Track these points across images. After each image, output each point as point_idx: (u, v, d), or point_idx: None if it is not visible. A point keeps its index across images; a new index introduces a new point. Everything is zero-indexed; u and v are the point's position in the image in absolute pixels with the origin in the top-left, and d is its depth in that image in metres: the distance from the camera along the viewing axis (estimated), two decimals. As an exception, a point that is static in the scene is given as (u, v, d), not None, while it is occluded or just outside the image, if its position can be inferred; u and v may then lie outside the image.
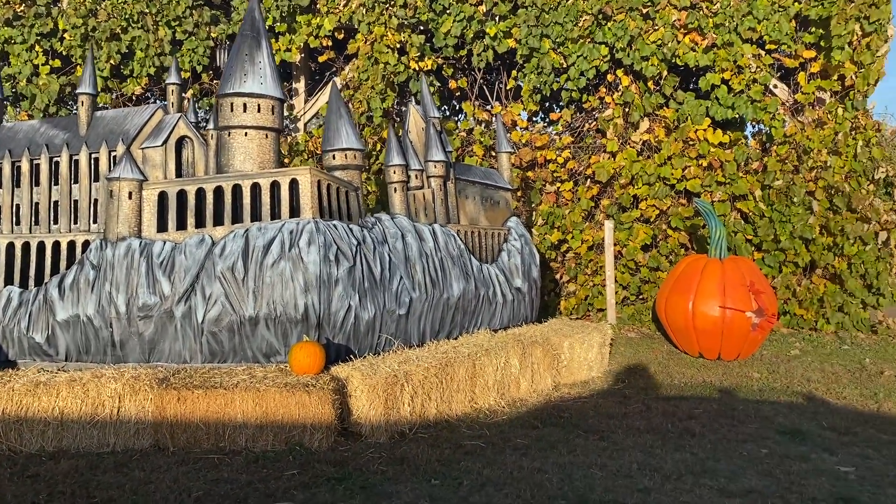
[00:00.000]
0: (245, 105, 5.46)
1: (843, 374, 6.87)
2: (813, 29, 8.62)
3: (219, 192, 5.42)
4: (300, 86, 10.23)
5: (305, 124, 10.32)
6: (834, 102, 8.84)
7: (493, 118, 7.74)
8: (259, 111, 5.48)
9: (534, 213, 9.42)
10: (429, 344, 5.87)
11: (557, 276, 9.47)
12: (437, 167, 6.47)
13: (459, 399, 5.41)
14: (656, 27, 8.79)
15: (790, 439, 4.93)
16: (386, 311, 5.67)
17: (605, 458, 4.46)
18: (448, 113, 10.91)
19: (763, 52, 8.80)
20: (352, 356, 5.28)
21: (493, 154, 9.55)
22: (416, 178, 6.39)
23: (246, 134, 5.49)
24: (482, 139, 9.47)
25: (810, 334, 8.74)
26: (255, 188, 5.42)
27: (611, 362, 7.22)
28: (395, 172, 6.25)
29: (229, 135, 5.50)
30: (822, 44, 8.63)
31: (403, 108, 8.19)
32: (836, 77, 8.76)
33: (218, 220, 5.40)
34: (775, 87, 9.25)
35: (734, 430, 5.13)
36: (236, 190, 5.42)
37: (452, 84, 9.85)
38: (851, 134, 8.76)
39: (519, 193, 9.51)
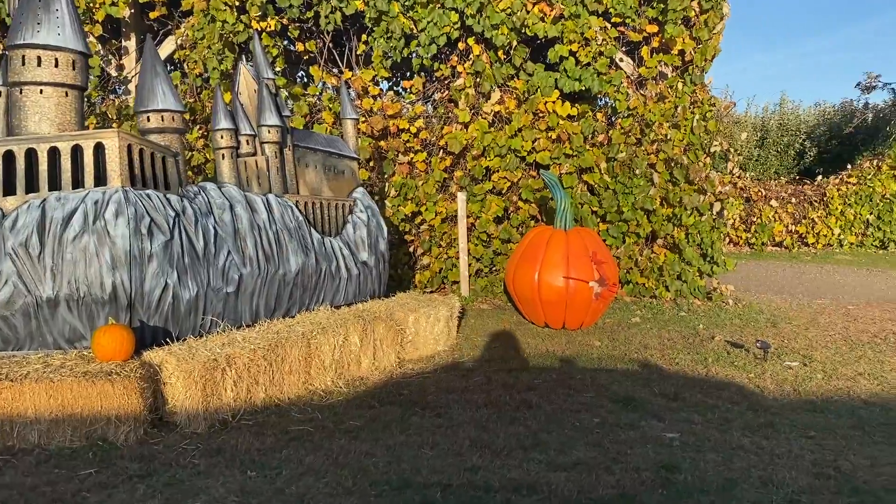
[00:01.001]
0: (39, 59, 4.79)
1: (678, 340, 7.11)
2: (655, 3, 8.81)
3: (9, 157, 4.75)
4: (131, 44, 9.35)
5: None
6: (674, 77, 9.12)
7: (340, 83, 7.37)
8: (56, 66, 4.83)
9: (387, 184, 9.14)
10: (262, 323, 5.48)
11: (411, 249, 9.27)
12: (272, 132, 6.04)
13: (292, 381, 5.09)
14: (506, -5, 8.69)
15: (622, 407, 4.98)
16: (211, 290, 5.23)
17: (438, 437, 4.30)
18: (295, 78, 10.36)
19: (609, 25, 8.90)
20: (170, 340, 4.83)
21: (343, 122, 9.19)
22: (248, 143, 5.94)
23: (41, 91, 4.82)
24: (331, 105, 9.06)
25: (651, 302, 9.06)
26: (54, 153, 4.78)
27: (459, 335, 7.12)
28: (222, 137, 5.76)
29: (21, 92, 4.81)
30: (660, 18, 8.84)
31: (243, 71, 7.61)
32: (676, 52, 9.02)
33: (9, 190, 4.73)
34: (621, 60, 9.42)
35: (570, 399, 5.13)
36: (30, 155, 4.77)
37: (300, 47, 9.34)
38: (690, 108, 9.08)
39: (371, 163, 9.20)
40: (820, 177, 17.63)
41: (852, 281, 11.81)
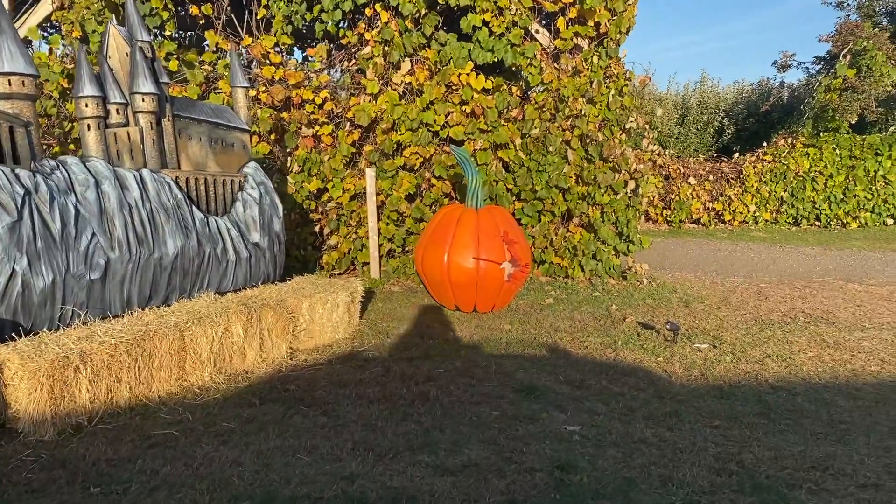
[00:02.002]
0: None
1: (589, 322, 6.89)
2: (571, -27, 8.49)
3: None
4: (3, 3, 8.44)
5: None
6: (590, 50, 8.84)
7: (230, 49, 6.76)
8: None
9: (289, 158, 8.59)
10: (133, 313, 4.94)
11: (317, 229, 8.77)
12: (146, 101, 5.44)
13: (163, 378, 4.58)
14: (416, -41, 8.20)
15: (525, 397, 4.68)
16: (71, 276, 4.65)
17: (318, 439, 3.89)
18: (189, 44, 9.63)
19: (524, -6, 8.54)
20: (20, 334, 4.25)
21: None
22: (119, 113, 5.33)
23: None
24: (228, 74, 8.41)
25: (566, 282, 8.84)
26: None
27: (363, 322, 6.71)
28: (87, 106, 5.14)
29: None
30: (578, -11, 8.55)
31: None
32: (591, 24, 8.73)
33: None
34: (537, 32, 9.08)
35: (471, 390, 4.80)
36: None
37: (194, 10, 8.63)
38: (605, 83, 8.83)
39: (273, 136, 8.62)
40: (737, 154, 17.85)
41: (765, 258, 11.92)
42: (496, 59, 8.53)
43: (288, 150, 8.57)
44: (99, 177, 5.05)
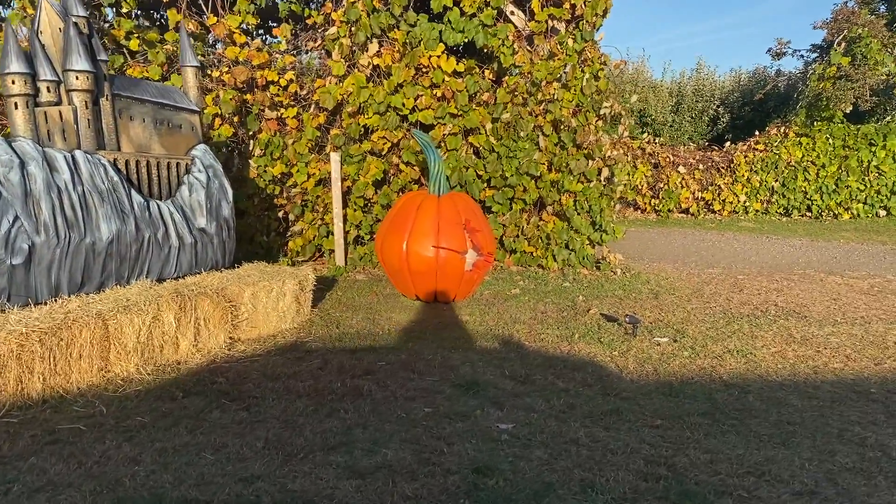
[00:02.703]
0: None
1: (552, 314, 6.67)
2: (546, -48, 8.22)
3: None
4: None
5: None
6: (565, 33, 8.57)
7: (180, 26, 6.50)
8: None
9: (252, 142, 8.35)
10: (56, 301, 4.73)
11: (281, 214, 8.55)
12: (81, 79, 5.20)
13: (83, 368, 4.38)
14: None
15: (464, 392, 4.47)
16: (-11, 261, 4.44)
17: (230, 437, 3.69)
18: (152, 22, 9.36)
19: (497, -27, 8.26)
20: (-77, 321, 4.05)
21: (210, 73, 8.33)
22: (50, 91, 5.09)
23: None
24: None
25: (537, 272, 8.62)
26: None
27: (316, 310, 6.50)
28: (13, 83, 4.91)
29: None
30: (551, -32, 8.27)
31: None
32: (567, 6, 8.46)
33: None
34: (512, 13, 8.81)
35: (409, 385, 4.59)
36: None
37: (156, -12, 8.38)
38: (580, 67, 8.57)
39: (237, 119, 8.38)
40: (728, 143, 17.56)
41: (749, 248, 11.69)
42: (467, 41, 8.26)
43: (251, 133, 8.34)
44: (25, 157, 4.82)
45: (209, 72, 8.43)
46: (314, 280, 6.30)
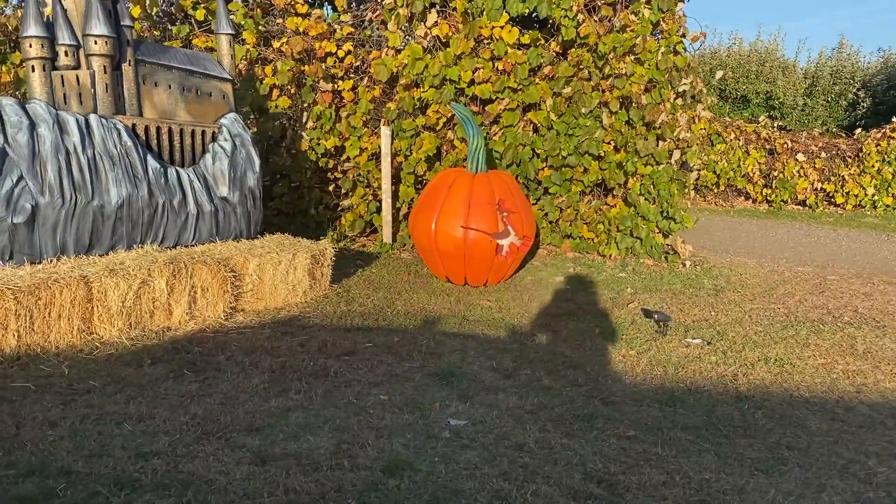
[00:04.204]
0: None
1: (587, 305, 6.17)
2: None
3: None
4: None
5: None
6: (640, 2, 7.87)
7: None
8: None
9: (305, 114, 8.30)
10: (51, 261, 4.84)
11: (331, 189, 8.47)
12: (100, 44, 5.26)
13: (63, 328, 4.43)
14: None
15: (436, 382, 4.16)
16: (-12, 219, 4.59)
17: (163, 409, 3.59)
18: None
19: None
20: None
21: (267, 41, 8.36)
22: (68, 55, 5.18)
23: None
24: (245, 23, 8.19)
25: (594, 259, 8.05)
26: None
27: (337, 286, 6.34)
28: (31, 47, 5.03)
29: None
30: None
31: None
32: (642, -28, 7.77)
33: None
34: (584, -18, 8.20)
35: (382, 369, 4.33)
36: None
37: (223, -41, 8.44)
38: (656, 39, 7.86)
39: (293, 90, 8.35)
40: (860, 130, 15.84)
41: (859, 248, 10.44)
42: (528, 11, 7.78)
43: (305, 105, 8.29)
44: (36, 119, 4.93)
45: (272, 42, 8.45)
46: (333, 255, 6.14)
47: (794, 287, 7.28)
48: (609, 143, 7.90)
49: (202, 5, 8.29)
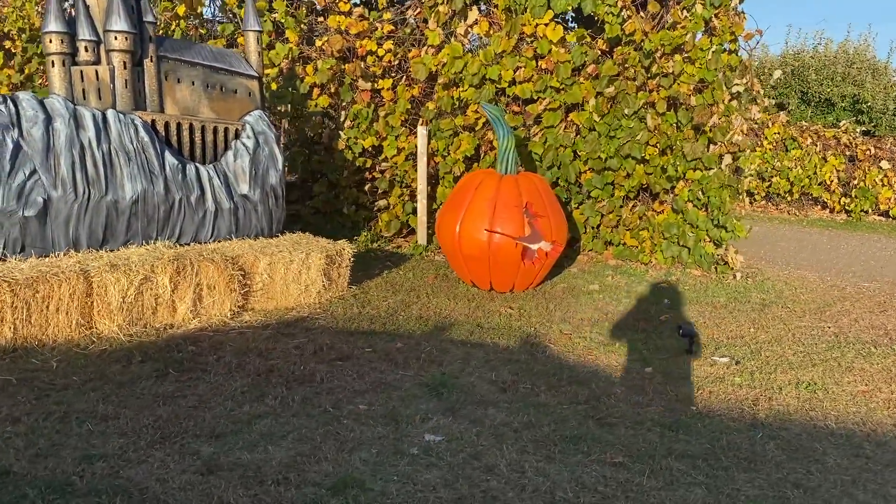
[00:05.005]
0: None
1: (616, 317, 5.82)
2: None
3: None
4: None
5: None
6: (691, -2, 7.42)
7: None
8: None
9: (343, 112, 8.21)
10: (58, 255, 4.87)
11: (367, 188, 8.35)
12: (120, 39, 5.29)
13: (61, 322, 4.44)
14: None
15: (425, 393, 3.95)
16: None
17: (132, 409, 3.52)
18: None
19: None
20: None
21: (307, 38, 8.33)
22: (87, 51, 5.23)
23: None
24: (285, 21, 8.16)
25: (636, 268, 7.63)
26: None
27: (355, 288, 6.18)
28: (51, 42, 5.09)
29: None
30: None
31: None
32: (695, -35, 7.32)
33: None
34: (634, -23, 7.80)
35: (372, 377, 4.14)
36: None
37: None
38: (708, 36, 7.40)
39: (332, 89, 8.28)
40: (956, 136, 14.65)
41: (942, 263, 9.58)
42: (572, 7, 7.46)
43: (343, 104, 8.20)
44: (53, 114, 4.99)
45: (315, 41, 8.41)
46: (351, 255, 5.99)
47: (853, 304, 6.69)
48: (654, 146, 7.48)
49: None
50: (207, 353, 4.39)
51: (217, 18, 9.05)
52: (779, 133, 14.47)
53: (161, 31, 8.39)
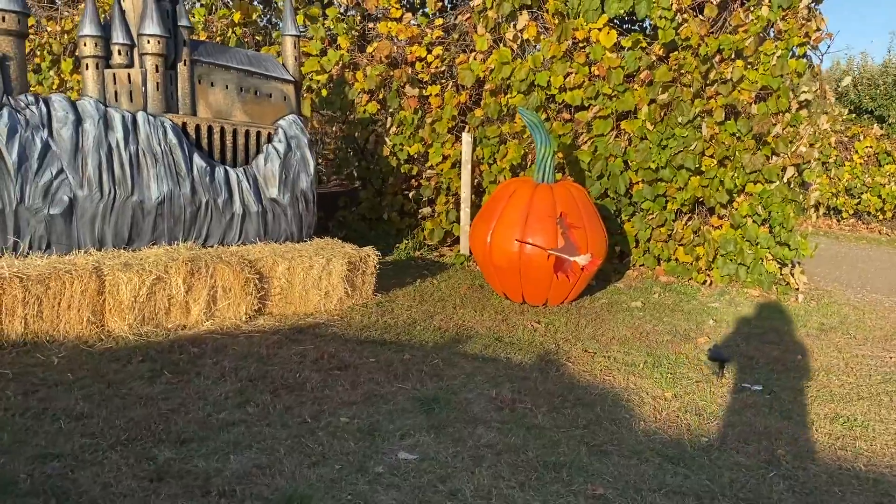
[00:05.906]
0: None
1: (652, 336, 5.46)
2: None
3: None
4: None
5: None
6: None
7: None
8: None
9: (389, 118, 8.14)
10: (79, 253, 4.97)
11: (411, 195, 8.23)
12: (153, 43, 5.38)
13: (72, 318, 4.50)
14: None
15: (415, 408, 3.77)
16: (25, 209, 4.79)
17: (110, 410, 3.51)
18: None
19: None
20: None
21: (358, 44, 8.33)
22: (121, 54, 5.34)
23: None
24: (334, 27, 8.17)
25: (688, 286, 7.18)
26: None
27: (382, 296, 6.05)
28: (85, 45, 5.23)
29: None
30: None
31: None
32: (758, -37, 6.85)
33: None
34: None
35: (365, 388, 3.99)
36: None
37: (323, -35, 8.54)
38: (772, 39, 6.91)
39: (381, 95, 8.23)
40: None
41: None
42: (624, 12, 7.14)
43: (391, 111, 8.13)
44: (84, 115, 5.11)
45: (367, 47, 8.40)
46: (376, 262, 5.88)
47: (927, 334, 6.05)
48: (710, 157, 7.04)
49: (301, 10, 8.40)
50: (207, 355, 4.35)
51: (275, 23, 9.19)
52: (871, 146, 13.51)
53: (218, 39, 8.57)
